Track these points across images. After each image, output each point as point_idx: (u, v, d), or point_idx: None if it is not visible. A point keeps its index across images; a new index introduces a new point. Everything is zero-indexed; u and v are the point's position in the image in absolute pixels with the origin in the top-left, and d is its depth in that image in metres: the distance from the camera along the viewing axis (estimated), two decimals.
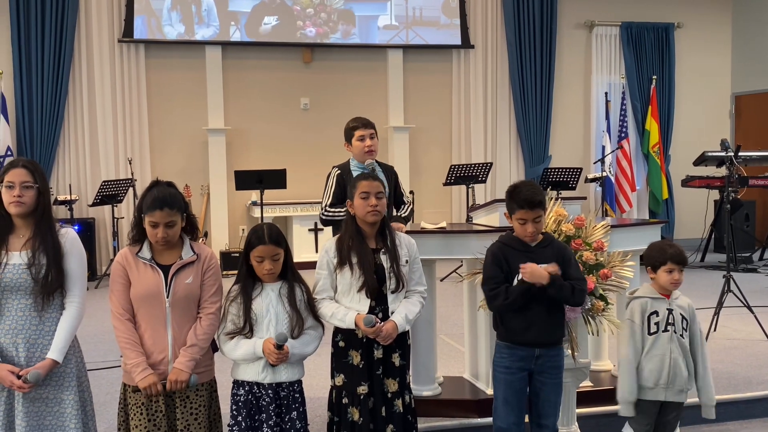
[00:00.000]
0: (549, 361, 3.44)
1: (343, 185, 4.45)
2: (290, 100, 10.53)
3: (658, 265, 3.63)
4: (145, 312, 3.14)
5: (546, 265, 3.31)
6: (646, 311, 3.62)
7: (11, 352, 3.03)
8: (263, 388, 3.23)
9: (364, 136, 4.53)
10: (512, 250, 3.43)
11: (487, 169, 9.53)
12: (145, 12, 9.92)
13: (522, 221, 3.40)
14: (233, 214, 10.35)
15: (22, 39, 9.45)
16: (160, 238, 3.12)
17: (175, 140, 10.21)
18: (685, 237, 11.47)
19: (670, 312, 3.61)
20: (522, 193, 3.41)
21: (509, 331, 3.43)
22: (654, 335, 3.61)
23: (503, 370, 3.45)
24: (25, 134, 9.52)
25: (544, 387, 3.45)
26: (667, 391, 3.61)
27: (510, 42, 11.12)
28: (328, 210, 4.50)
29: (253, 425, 3.22)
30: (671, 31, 11.75)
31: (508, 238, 3.51)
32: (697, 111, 12.01)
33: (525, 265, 3.30)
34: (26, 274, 3.02)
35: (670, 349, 3.59)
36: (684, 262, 3.63)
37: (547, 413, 3.47)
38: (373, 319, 3.30)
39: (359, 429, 3.38)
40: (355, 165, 4.59)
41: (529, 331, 3.38)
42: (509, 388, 3.44)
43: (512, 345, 3.43)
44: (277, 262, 3.26)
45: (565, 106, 11.54)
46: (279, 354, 3.15)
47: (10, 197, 3.04)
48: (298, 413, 3.26)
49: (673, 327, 3.60)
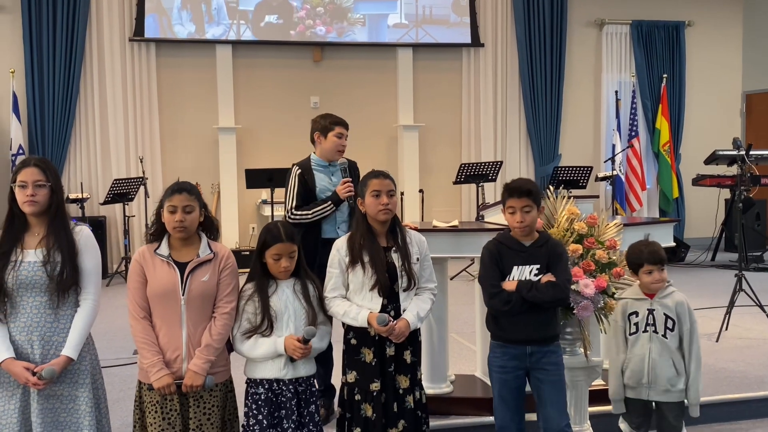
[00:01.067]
0: (544, 357, 3.43)
1: (306, 184, 4.38)
2: (300, 98, 10.54)
3: (637, 268, 3.66)
4: (161, 310, 3.15)
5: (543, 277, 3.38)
6: (626, 312, 3.68)
7: (26, 350, 3.05)
8: (284, 385, 3.24)
9: (342, 135, 4.44)
10: (507, 249, 3.45)
11: (497, 167, 9.53)
12: (156, 10, 9.95)
13: (511, 210, 3.42)
14: (243, 212, 10.38)
15: (34, 38, 9.50)
16: (177, 221, 3.12)
17: (186, 139, 10.25)
18: (695, 236, 11.44)
19: (650, 312, 3.64)
20: (512, 183, 3.48)
21: (501, 329, 3.46)
22: (634, 335, 3.66)
23: (497, 369, 3.48)
24: (37, 133, 9.57)
25: (542, 385, 3.44)
26: (650, 390, 3.64)
27: (520, 40, 11.10)
28: (294, 213, 4.34)
29: (272, 422, 3.23)
30: (682, 29, 11.72)
31: (503, 236, 3.53)
32: (707, 109, 11.97)
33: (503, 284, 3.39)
34: (41, 272, 3.03)
35: (650, 349, 3.62)
36: (661, 261, 3.63)
37: (548, 415, 3.44)
38: (387, 318, 3.31)
39: (372, 425, 3.39)
40: (317, 163, 4.46)
41: (519, 329, 3.40)
42: (504, 387, 3.46)
43: (504, 344, 3.45)
44: (293, 259, 3.28)
45: (575, 105, 11.52)
46: (304, 349, 3.17)
47: (23, 196, 3.05)
48: (315, 406, 3.29)
49: (653, 327, 3.63)
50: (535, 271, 3.43)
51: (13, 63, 9.53)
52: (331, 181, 4.43)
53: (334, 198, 4.32)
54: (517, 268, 3.43)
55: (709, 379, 3.86)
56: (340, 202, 4.31)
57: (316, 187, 4.40)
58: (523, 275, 3.42)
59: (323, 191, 4.41)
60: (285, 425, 3.20)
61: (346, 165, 4.49)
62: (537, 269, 3.43)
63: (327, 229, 4.36)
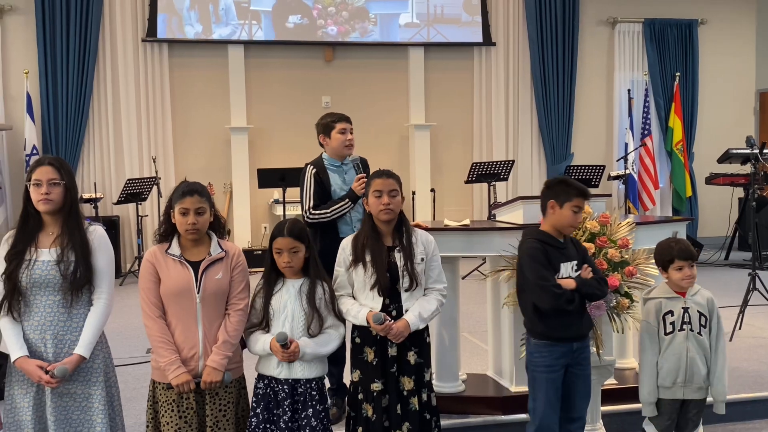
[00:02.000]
0: (584, 352, 3.49)
1: (321, 183, 4.37)
2: (312, 98, 10.55)
3: (667, 264, 3.61)
4: (176, 308, 3.17)
5: (582, 271, 3.42)
6: (661, 311, 3.61)
7: (39, 348, 3.07)
8: (279, 383, 3.25)
9: (345, 130, 4.41)
10: (551, 247, 3.43)
11: (509, 166, 9.51)
12: (167, 10, 9.99)
13: (577, 209, 3.41)
14: (255, 212, 10.40)
15: (48, 39, 9.55)
16: (190, 224, 3.15)
17: (199, 139, 10.28)
18: (709, 235, 11.38)
19: (685, 310, 3.60)
20: (576, 184, 3.47)
21: (552, 328, 3.42)
22: (670, 335, 3.60)
23: (545, 369, 3.43)
24: (51, 133, 9.62)
25: (577, 380, 3.47)
26: (685, 389, 3.61)
27: (532, 39, 11.08)
28: (312, 213, 4.33)
29: (271, 418, 3.24)
30: (695, 27, 11.66)
31: (541, 234, 3.48)
32: (720, 108, 11.90)
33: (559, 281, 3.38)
34: (55, 271, 3.05)
35: (687, 348, 3.58)
36: (692, 257, 3.60)
37: (580, 406, 3.50)
38: (382, 317, 3.30)
39: (373, 426, 3.38)
40: (329, 162, 4.45)
41: (571, 326, 3.41)
42: (551, 387, 3.43)
43: (553, 342, 3.43)
44: (295, 255, 3.27)
45: (588, 104, 11.48)
46: (286, 353, 3.16)
47: (38, 195, 3.07)
48: (314, 411, 3.24)
49: (689, 325, 3.59)
50: (575, 267, 3.45)
51: (27, 64, 9.59)
52: (345, 180, 4.43)
53: (351, 195, 4.30)
54: (563, 265, 3.43)
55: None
56: (357, 198, 4.28)
57: (330, 186, 4.39)
58: (567, 272, 3.43)
59: (338, 190, 4.40)
60: (281, 424, 3.21)
61: (358, 161, 4.45)
62: (576, 265, 3.45)
63: (344, 228, 4.34)
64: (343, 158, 4.45)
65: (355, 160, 4.44)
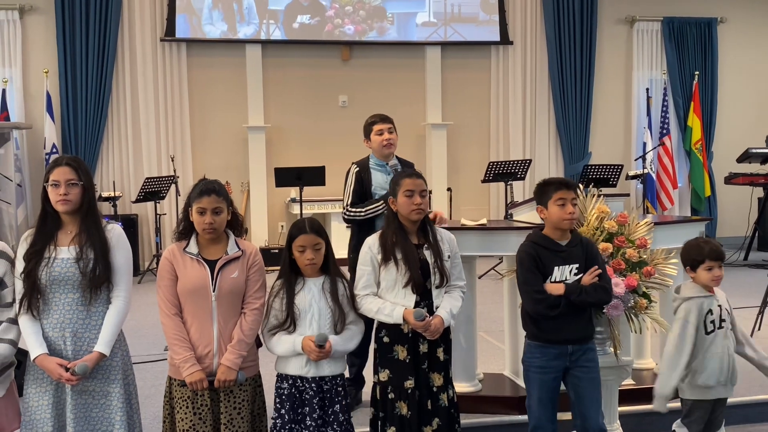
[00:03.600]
0: (583, 355, 3.44)
1: (362, 182, 4.50)
2: (329, 97, 10.57)
3: (697, 264, 3.58)
4: (192, 306, 3.19)
5: (585, 275, 3.37)
6: (703, 311, 3.56)
7: (59, 346, 3.09)
8: (306, 382, 3.27)
9: (382, 130, 4.56)
10: (544, 250, 3.42)
11: (526, 166, 9.48)
12: (186, 11, 10.03)
13: (561, 201, 3.38)
14: (272, 210, 10.43)
15: (67, 39, 9.63)
16: (207, 224, 3.16)
17: (216, 138, 10.33)
18: (728, 235, 11.29)
19: (720, 309, 3.59)
20: (554, 178, 3.50)
21: (542, 330, 3.42)
22: (711, 334, 3.56)
23: (537, 369, 3.45)
24: (70, 132, 9.70)
25: (580, 383, 3.43)
26: (725, 387, 3.59)
27: (549, 38, 11.04)
28: (350, 210, 4.50)
29: (296, 418, 3.25)
30: (714, 25, 11.57)
31: (538, 237, 3.49)
32: (740, 107, 11.80)
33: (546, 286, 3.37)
34: (74, 268, 3.07)
35: (727, 346, 3.57)
36: (722, 258, 3.59)
37: (587, 412, 3.44)
38: (423, 314, 3.32)
39: (408, 423, 3.39)
40: (375, 162, 4.61)
41: (562, 330, 3.38)
42: (543, 388, 3.44)
43: (545, 344, 3.42)
44: (318, 252, 3.29)
45: (606, 103, 11.42)
46: (320, 352, 3.18)
47: (56, 195, 3.09)
48: (340, 406, 3.29)
49: (725, 323, 3.58)
50: (575, 271, 3.41)
51: (47, 63, 9.67)
52: (388, 180, 4.50)
53: (387, 197, 4.34)
54: (557, 268, 3.40)
55: (741, 380, 3.81)
56: None
57: (372, 185, 4.52)
58: (563, 275, 3.40)
59: (379, 190, 4.50)
60: (308, 422, 3.22)
61: (398, 166, 4.59)
62: (576, 269, 3.42)
63: (380, 225, 4.39)
64: (386, 158, 4.61)
65: (394, 166, 4.58)
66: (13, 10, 9.60)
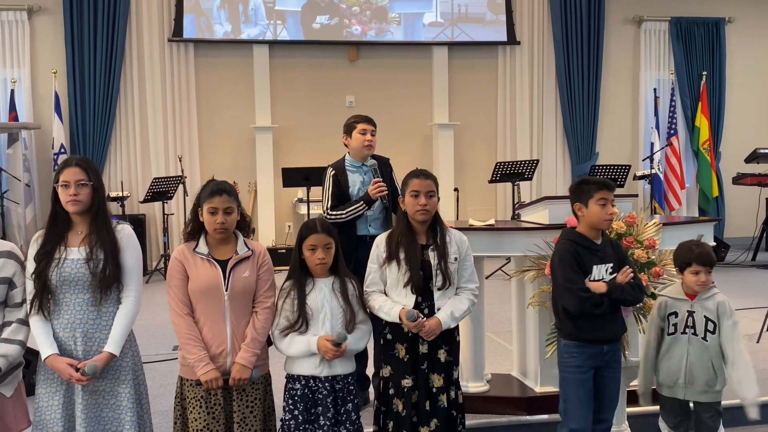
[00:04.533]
0: (614, 355, 3.49)
1: (340, 184, 4.54)
2: (336, 97, 10.58)
3: (685, 266, 3.58)
4: (204, 306, 3.21)
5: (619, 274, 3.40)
6: (665, 311, 3.63)
7: (70, 346, 3.11)
8: (320, 382, 3.28)
9: (366, 131, 4.58)
10: (583, 249, 3.43)
11: (533, 166, 9.48)
12: (194, 11, 10.06)
13: (603, 202, 3.40)
14: (280, 210, 10.45)
15: (76, 39, 9.65)
16: (219, 223, 3.18)
17: (224, 138, 10.35)
18: (736, 235, 11.26)
19: (690, 314, 3.58)
20: (594, 179, 3.50)
21: (581, 330, 3.43)
22: (672, 336, 3.61)
23: (575, 369, 3.45)
24: (78, 132, 9.73)
25: (606, 382, 3.48)
26: (686, 390, 3.61)
27: (557, 38, 11.02)
28: (330, 213, 4.52)
29: (309, 418, 3.26)
30: (722, 25, 11.54)
31: (575, 235, 3.49)
32: (748, 107, 11.77)
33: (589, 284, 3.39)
34: (84, 269, 3.09)
35: (688, 351, 3.58)
36: (711, 263, 3.57)
37: (609, 407, 3.52)
38: (415, 314, 3.33)
39: (402, 421, 3.41)
40: (351, 162, 4.63)
41: (602, 329, 3.41)
42: (582, 387, 3.44)
43: (583, 344, 3.43)
44: (329, 251, 3.31)
45: (613, 103, 11.40)
46: (337, 351, 3.20)
47: (66, 196, 3.10)
48: (353, 405, 3.31)
49: (692, 329, 3.57)
50: (610, 270, 3.44)
51: (55, 64, 9.70)
52: (364, 181, 4.58)
53: (366, 198, 4.49)
54: (596, 267, 3.42)
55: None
56: (372, 201, 4.48)
57: (349, 187, 4.56)
58: (600, 274, 3.43)
59: (357, 191, 4.56)
60: (321, 422, 3.24)
61: (376, 165, 4.61)
62: (611, 268, 3.44)
63: (360, 227, 4.54)
64: (363, 159, 4.61)
65: (372, 166, 4.60)
66: (22, 11, 9.64)
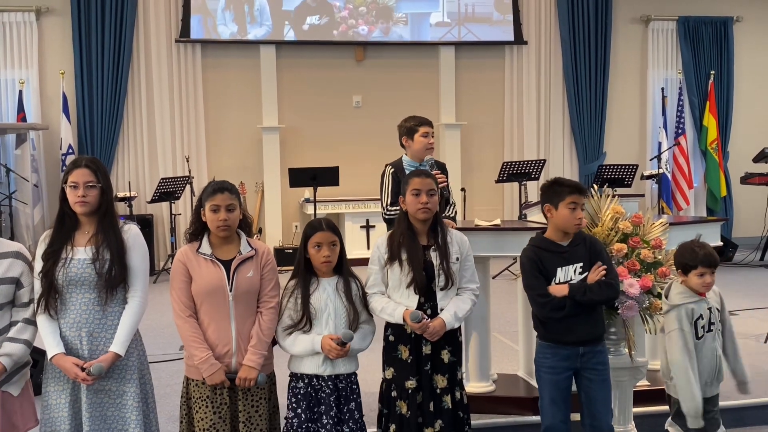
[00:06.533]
0: (594, 357, 3.43)
1: (399, 183, 4.51)
2: (343, 98, 10.59)
3: (689, 269, 3.53)
4: (209, 306, 3.21)
5: (591, 274, 3.36)
6: (693, 317, 3.53)
7: (76, 345, 3.11)
8: (323, 381, 3.29)
9: (428, 133, 4.74)
10: (546, 253, 3.43)
11: (540, 166, 9.46)
12: (201, 12, 10.08)
13: (573, 205, 3.38)
14: (287, 210, 10.46)
15: (83, 40, 9.69)
16: (221, 220, 3.19)
17: (231, 138, 10.37)
18: (743, 235, 11.22)
19: (710, 311, 3.57)
20: (567, 181, 3.47)
21: (552, 331, 3.43)
22: (701, 339, 3.55)
23: (548, 370, 3.45)
24: (86, 133, 9.77)
25: (591, 384, 3.44)
26: (711, 387, 3.58)
27: (564, 37, 11.00)
28: (389, 210, 4.62)
29: (312, 417, 3.27)
30: (730, 25, 11.50)
31: (539, 240, 3.49)
32: (756, 106, 11.72)
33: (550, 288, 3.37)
34: (90, 269, 3.09)
35: (715, 347, 3.57)
36: (715, 264, 3.52)
37: (598, 413, 3.45)
38: (420, 315, 3.32)
39: (407, 422, 3.41)
40: (408, 162, 4.73)
41: (572, 331, 3.38)
42: (555, 388, 3.44)
43: (555, 345, 3.43)
44: (334, 249, 3.32)
45: (621, 102, 11.37)
46: (341, 350, 3.21)
47: (75, 197, 3.11)
48: (356, 404, 3.32)
49: (714, 325, 3.57)
50: (579, 270, 3.41)
51: (63, 64, 9.74)
52: None
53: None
54: (561, 269, 3.40)
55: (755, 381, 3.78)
56: None
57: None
58: (567, 276, 3.40)
59: None
60: (324, 420, 3.24)
61: (433, 161, 4.72)
62: (581, 267, 3.41)
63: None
64: (422, 160, 4.73)
65: (429, 161, 4.70)
66: (30, 12, 9.68)
